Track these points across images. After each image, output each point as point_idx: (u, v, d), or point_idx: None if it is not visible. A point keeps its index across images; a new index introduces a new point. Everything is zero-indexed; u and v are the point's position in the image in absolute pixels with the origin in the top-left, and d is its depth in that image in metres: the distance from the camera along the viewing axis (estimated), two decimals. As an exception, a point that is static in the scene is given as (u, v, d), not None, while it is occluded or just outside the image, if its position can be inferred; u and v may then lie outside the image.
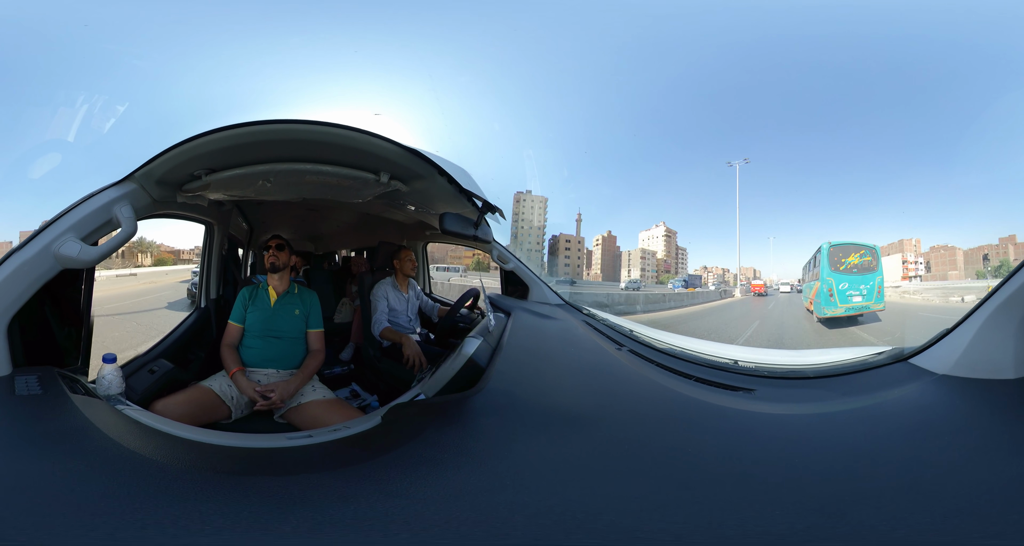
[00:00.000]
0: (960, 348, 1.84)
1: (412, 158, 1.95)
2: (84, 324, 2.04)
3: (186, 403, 2.25)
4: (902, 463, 1.34)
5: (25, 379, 1.58)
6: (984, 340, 1.78)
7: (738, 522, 1.11)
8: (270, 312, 2.69)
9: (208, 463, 1.33)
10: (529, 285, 3.75)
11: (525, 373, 1.97)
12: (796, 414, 1.82)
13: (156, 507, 1.03)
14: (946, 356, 1.89)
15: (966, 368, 1.81)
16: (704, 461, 1.40)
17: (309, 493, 1.14)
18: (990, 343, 1.77)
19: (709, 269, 23.64)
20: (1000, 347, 1.76)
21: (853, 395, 1.91)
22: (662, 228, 22.69)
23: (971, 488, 1.19)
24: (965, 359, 1.81)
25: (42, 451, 1.20)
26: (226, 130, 1.71)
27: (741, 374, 2.31)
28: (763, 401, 1.99)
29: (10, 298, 1.64)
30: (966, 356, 1.81)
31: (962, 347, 1.83)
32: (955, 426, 1.55)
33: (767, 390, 2.10)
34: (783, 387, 2.20)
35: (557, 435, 1.48)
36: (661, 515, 1.13)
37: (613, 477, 1.29)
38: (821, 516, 1.13)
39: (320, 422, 2.26)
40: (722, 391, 2.04)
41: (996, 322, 1.76)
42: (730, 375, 2.26)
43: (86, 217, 1.71)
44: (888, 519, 1.10)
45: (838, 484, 1.25)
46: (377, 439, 1.56)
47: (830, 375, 2.22)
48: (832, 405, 1.87)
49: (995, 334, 1.76)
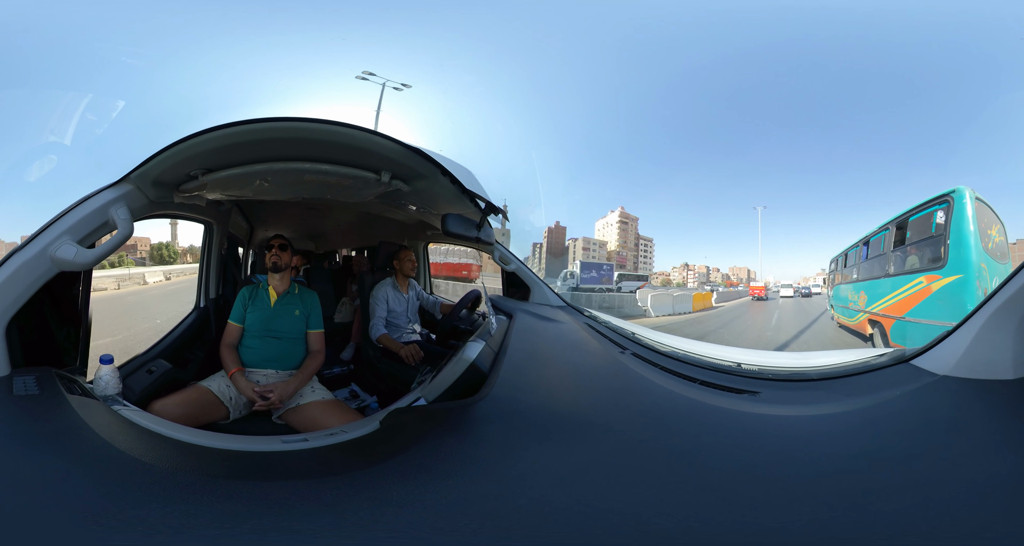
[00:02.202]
0: (960, 349, 1.86)
1: (414, 157, 1.94)
2: (82, 325, 2.04)
3: (184, 403, 2.25)
4: (905, 462, 1.36)
5: (23, 379, 1.58)
6: (984, 341, 1.80)
7: (749, 523, 1.12)
8: (270, 312, 2.68)
9: (198, 465, 1.33)
10: (530, 287, 3.74)
11: (528, 378, 1.97)
12: (801, 416, 1.84)
13: (140, 507, 1.04)
14: (947, 357, 1.91)
15: (966, 369, 1.83)
16: (713, 463, 1.40)
17: (291, 498, 1.13)
18: (990, 344, 1.79)
19: (691, 267, 22.50)
20: (1000, 348, 1.78)
21: (856, 396, 1.93)
22: (617, 214, 20.28)
23: (973, 486, 1.21)
24: (965, 360, 1.83)
25: (38, 450, 1.22)
26: (222, 129, 1.70)
27: (745, 377, 2.32)
28: (768, 403, 2.00)
29: (9, 299, 1.64)
30: (966, 357, 1.83)
31: (962, 348, 1.85)
32: (956, 426, 1.57)
33: (771, 392, 2.11)
34: (787, 389, 2.21)
35: (563, 441, 1.47)
36: (673, 518, 1.13)
37: (622, 481, 1.28)
38: (829, 516, 1.14)
39: (318, 424, 2.26)
40: (727, 394, 2.05)
41: (996, 323, 1.78)
42: (734, 378, 2.27)
43: (82, 220, 1.71)
44: (893, 518, 1.11)
45: (844, 484, 1.26)
46: (374, 445, 1.55)
47: (833, 377, 2.24)
48: (836, 406, 1.88)
49: (995, 335, 1.78)
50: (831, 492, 1.23)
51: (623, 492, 1.23)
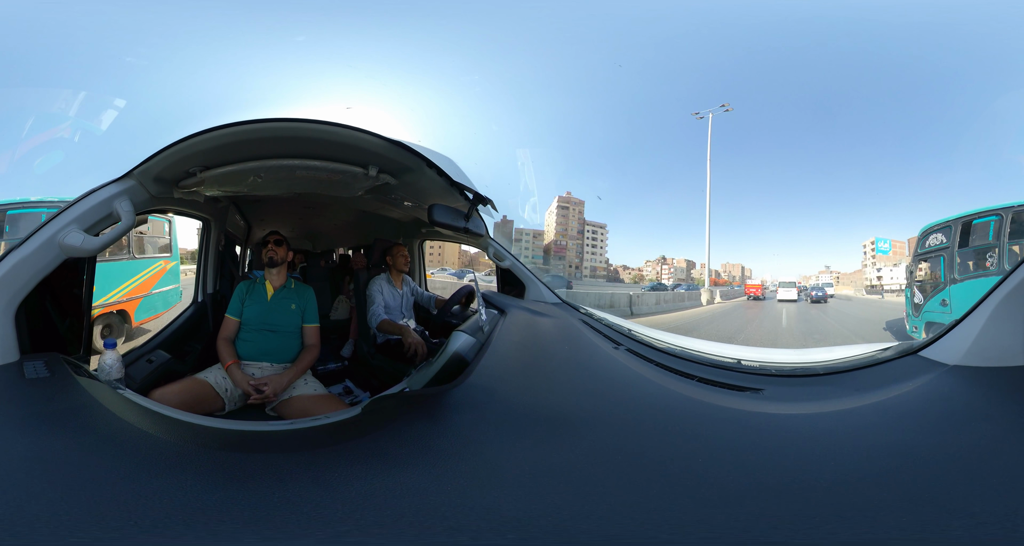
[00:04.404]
0: (970, 338, 1.81)
1: (397, 150, 2.00)
2: (86, 314, 2.13)
3: (181, 393, 2.31)
4: (923, 455, 1.30)
5: (33, 364, 1.67)
6: (994, 328, 1.77)
7: (757, 534, 1.03)
8: (267, 306, 2.74)
9: (199, 440, 1.43)
10: (525, 283, 3.75)
11: (511, 369, 1.91)
12: (809, 413, 1.74)
13: (156, 478, 1.15)
14: (956, 347, 1.87)
15: (977, 357, 1.78)
16: (713, 467, 1.30)
17: (278, 464, 1.24)
18: (1000, 331, 1.76)
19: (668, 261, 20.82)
20: (1010, 334, 1.74)
21: (866, 391, 1.83)
22: (557, 201, 17.31)
23: (992, 475, 1.16)
24: (976, 348, 1.79)
25: (53, 427, 1.31)
26: (218, 129, 1.81)
27: (746, 373, 2.22)
28: (773, 401, 1.90)
29: (19, 284, 1.73)
30: (976, 345, 1.79)
31: (972, 337, 1.81)
32: (973, 414, 1.52)
33: (776, 389, 2.01)
34: (792, 386, 2.09)
35: (540, 437, 1.41)
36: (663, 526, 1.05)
37: (603, 484, 1.20)
38: (844, 519, 1.06)
39: (309, 416, 2.31)
40: (728, 391, 1.95)
41: (1006, 310, 1.75)
42: (735, 375, 2.17)
43: (89, 210, 1.82)
44: (914, 514, 1.05)
45: (859, 483, 1.19)
46: (348, 429, 1.59)
47: (839, 371, 2.14)
48: (846, 402, 1.79)
49: (1004, 322, 1.75)
50: (844, 492, 1.16)
51: (601, 494, 1.15)
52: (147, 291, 6.65)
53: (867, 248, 24.69)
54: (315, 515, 1.04)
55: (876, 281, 23.63)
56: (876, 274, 23.84)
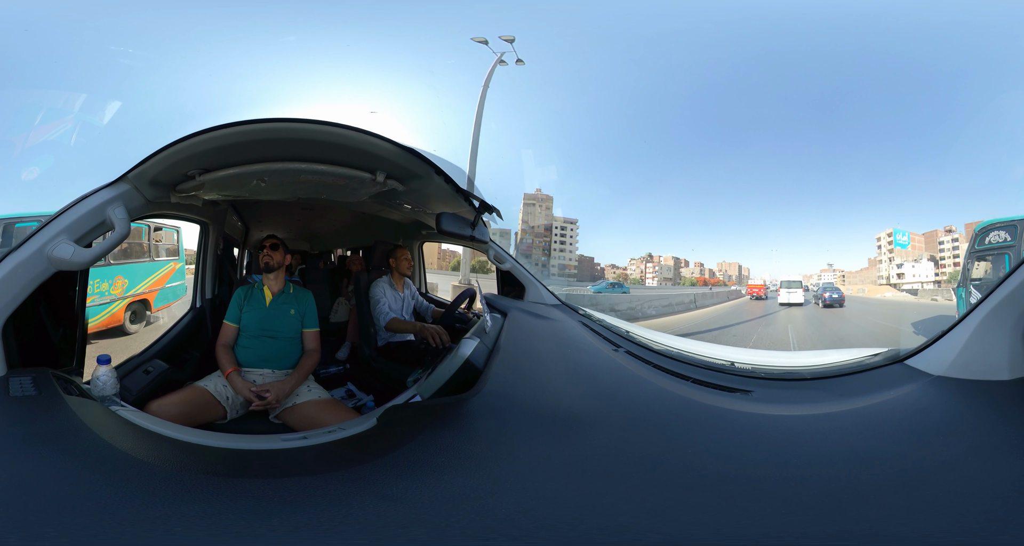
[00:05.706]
0: (955, 349, 1.85)
1: (409, 157, 1.95)
2: (79, 325, 2.04)
3: (181, 403, 2.25)
4: (899, 463, 1.36)
5: (20, 380, 1.58)
6: (979, 341, 1.80)
7: (738, 523, 1.12)
8: (265, 312, 2.68)
9: (199, 464, 1.34)
10: (525, 285, 3.75)
11: (521, 375, 1.97)
12: (794, 416, 1.84)
13: (144, 507, 1.05)
14: (941, 357, 1.91)
15: (961, 369, 1.82)
16: (703, 462, 1.40)
17: (298, 495, 1.15)
18: (985, 344, 1.79)
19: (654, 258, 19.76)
20: (995, 348, 1.78)
21: (850, 397, 1.93)
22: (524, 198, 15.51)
23: (967, 487, 1.21)
24: (960, 360, 1.83)
25: (36, 452, 1.22)
26: (219, 129, 1.71)
27: (738, 375, 2.32)
28: (760, 402, 2.00)
29: (6, 299, 1.64)
30: (961, 357, 1.83)
31: (957, 348, 1.85)
32: (951, 427, 1.57)
33: (764, 391, 2.11)
34: (780, 389, 2.21)
35: (554, 437, 1.48)
36: (660, 517, 1.13)
37: (611, 479, 1.28)
38: (820, 517, 1.14)
39: (315, 423, 2.26)
40: (719, 392, 2.05)
41: (991, 324, 1.78)
42: (727, 376, 2.28)
43: (79, 219, 1.71)
44: (886, 519, 1.11)
45: (836, 485, 1.27)
46: (372, 441, 1.56)
47: (827, 376, 2.24)
48: (829, 406, 1.88)
49: (990, 335, 1.78)
50: (822, 492, 1.23)
51: (611, 488, 1.23)
52: (162, 285, 8.36)
53: (883, 241, 21.86)
54: (379, 527, 1.04)
55: (896, 278, 20.45)
56: (896, 271, 20.51)
